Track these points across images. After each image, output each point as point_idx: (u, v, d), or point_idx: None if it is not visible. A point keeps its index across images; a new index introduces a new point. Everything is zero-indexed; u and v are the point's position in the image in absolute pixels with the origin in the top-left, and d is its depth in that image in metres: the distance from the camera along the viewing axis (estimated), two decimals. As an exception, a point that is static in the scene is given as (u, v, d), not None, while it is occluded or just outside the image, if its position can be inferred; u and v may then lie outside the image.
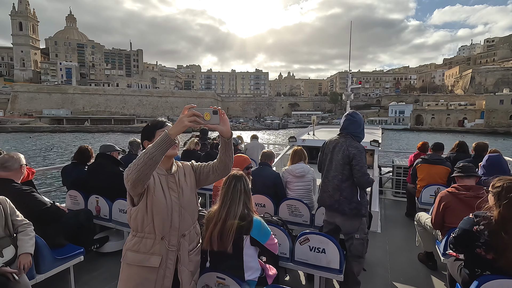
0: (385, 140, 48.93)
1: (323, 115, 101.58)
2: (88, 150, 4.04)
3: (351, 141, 2.71)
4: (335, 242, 2.47)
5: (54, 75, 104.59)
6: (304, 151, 3.97)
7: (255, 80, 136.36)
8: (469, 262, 2.06)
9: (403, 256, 3.77)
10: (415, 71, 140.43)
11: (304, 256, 2.58)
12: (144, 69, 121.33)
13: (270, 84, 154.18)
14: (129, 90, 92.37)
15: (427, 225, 3.30)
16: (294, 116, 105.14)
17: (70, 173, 3.95)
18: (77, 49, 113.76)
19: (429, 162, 4.66)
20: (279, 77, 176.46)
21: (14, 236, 2.22)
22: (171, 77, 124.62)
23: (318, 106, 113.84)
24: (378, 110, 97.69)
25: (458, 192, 2.88)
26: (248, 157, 3.49)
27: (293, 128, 76.73)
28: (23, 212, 2.34)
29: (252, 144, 7.49)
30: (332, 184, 2.76)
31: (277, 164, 5.74)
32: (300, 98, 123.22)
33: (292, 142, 6.34)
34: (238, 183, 2.01)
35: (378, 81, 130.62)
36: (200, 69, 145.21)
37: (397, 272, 3.35)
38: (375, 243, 3.96)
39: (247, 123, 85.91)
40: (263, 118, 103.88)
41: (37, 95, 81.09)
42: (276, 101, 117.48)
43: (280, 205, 3.58)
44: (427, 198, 4.39)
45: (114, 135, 52.48)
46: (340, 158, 2.69)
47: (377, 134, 6.84)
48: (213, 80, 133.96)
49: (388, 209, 5.89)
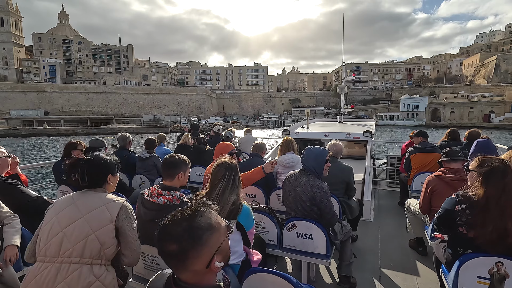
0: (396, 138, 40.94)
1: (326, 111, 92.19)
2: (76, 144, 3.88)
3: (313, 180, 2.61)
4: (321, 227, 2.50)
5: (37, 73, 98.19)
6: (293, 141, 3.94)
7: (254, 75, 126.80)
8: (452, 241, 2.11)
9: (394, 243, 3.81)
10: (428, 61, 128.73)
11: (291, 243, 2.62)
12: (134, 65, 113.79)
13: (271, 80, 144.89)
14: (112, 88, 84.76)
15: (416, 211, 3.31)
16: (295, 113, 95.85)
17: (60, 169, 3.89)
18: (63, 46, 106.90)
19: (422, 151, 4.61)
20: (283, 72, 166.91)
21: (0, 228, 2.19)
22: (163, 73, 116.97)
23: (322, 101, 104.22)
24: (388, 104, 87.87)
25: (444, 176, 2.95)
26: (233, 146, 3.59)
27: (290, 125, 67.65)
28: (8, 205, 2.33)
29: (246, 138, 7.42)
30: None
31: (271, 157, 5.69)
32: (302, 93, 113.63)
33: (286, 135, 6.00)
34: (233, 172, 2.04)
35: (388, 73, 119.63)
36: (199, 65, 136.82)
37: (387, 259, 3.40)
38: (367, 232, 4.10)
39: (240, 121, 77.19)
40: (261, 115, 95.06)
41: (10, 94, 74.42)
42: (276, 97, 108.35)
43: (271, 195, 3.60)
44: (418, 186, 4.32)
45: (78, 138, 44.60)
46: (306, 200, 2.62)
47: (370, 125, 6.91)
48: (208, 75, 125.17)
49: (382, 199, 5.89)
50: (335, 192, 3.16)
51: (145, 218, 2.09)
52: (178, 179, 2.21)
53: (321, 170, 2.66)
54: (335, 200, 3.05)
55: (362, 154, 6.16)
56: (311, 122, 7.86)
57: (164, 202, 2.05)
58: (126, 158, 4.68)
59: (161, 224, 0.98)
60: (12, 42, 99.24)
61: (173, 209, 1.77)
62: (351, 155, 6.32)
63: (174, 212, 1.01)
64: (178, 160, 2.23)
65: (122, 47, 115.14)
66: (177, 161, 2.22)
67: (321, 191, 2.54)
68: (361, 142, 6.20)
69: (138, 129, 55.48)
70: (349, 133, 5.99)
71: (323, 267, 3.07)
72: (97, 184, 1.79)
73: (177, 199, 2.07)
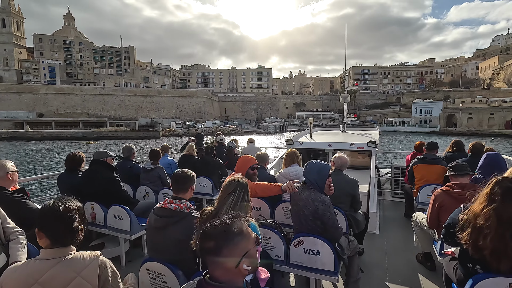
0: (402, 147, 36.42)
1: (332, 116, 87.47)
2: (76, 155, 3.88)
3: (315, 194, 2.59)
4: (329, 243, 2.46)
5: (36, 74, 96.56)
6: (297, 153, 3.97)
7: (257, 78, 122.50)
8: (461, 256, 2.05)
9: (401, 257, 3.72)
10: (441, 64, 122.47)
11: (298, 259, 2.58)
12: (136, 67, 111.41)
13: (276, 83, 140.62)
14: (109, 90, 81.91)
15: (424, 225, 3.26)
16: (299, 117, 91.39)
17: (65, 181, 3.86)
18: (64, 47, 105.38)
19: (425, 162, 4.57)
20: (289, 76, 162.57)
21: (6, 244, 2.17)
22: (165, 75, 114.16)
23: (328, 105, 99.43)
24: (398, 109, 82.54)
25: (452, 191, 2.90)
26: (255, 160, 3.38)
27: (293, 131, 63.15)
28: (14, 220, 2.30)
29: (249, 148, 7.31)
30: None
31: (275, 167, 5.66)
32: (307, 97, 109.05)
33: (289, 145, 6.18)
34: (243, 190, 2.08)
35: (398, 76, 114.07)
36: (202, 67, 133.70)
37: (394, 273, 3.32)
38: (373, 245, 4.00)
39: (240, 126, 73.11)
40: (263, 119, 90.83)
41: (5, 95, 72.20)
42: (280, 100, 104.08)
43: (276, 208, 3.54)
44: (424, 198, 4.30)
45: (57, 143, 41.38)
46: (309, 214, 2.59)
47: (374, 135, 6.90)
48: (211, 78, 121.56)
49: (387, 210, 5.76)
50: (340, 206, 3.13)
51: (155, 225, 2.14)
52: (189, 192, 2.33)
53: (323, 184, 2.62)
54: (341, 214, 3.03)
55: (366, 164, 6.08)
56: (314, 131, 7.73)
57: (175, 208, 2.12)
58: (130, 169, 4.74)
59: (203, 227, 1.19)
60: (13, 43, 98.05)
61: (183, 215, 2.09)
62: (355, 165, 5.85)
63: (214, 219, 1.21)
64: (190, 176, 2.31)
65: (124, 49, 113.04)
66: (189, 176, 2.31)
67: (323, 204, 2.51)
68: (365, 152, 6.08)
69: (127, 133, 52.02)
70: (353, 143, 5.84)
71: (329, 283, 2.95)
72: (65, 242, 1.47)
73: (187, 208, 2.15)
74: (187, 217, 2.11)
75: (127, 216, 3.44)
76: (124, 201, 3.68)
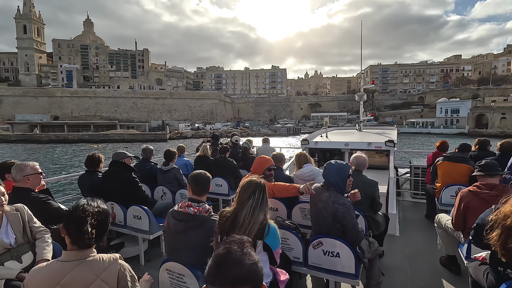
0: (419, 147, 34.44)
1: (349, 117, 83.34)
2: (95, 156, 3.96)
3: (335, 196, 2.52)
4: (349, 246, 2.40)
5: (54, 78, 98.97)
6: (307, 154, 3.98)
7: (271, 78, 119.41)
8: (492, 260, 1.96)
9: (424, 260, 3.61)
10: (467, 61, 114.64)
11: (318, 261, 2.55)
12: (150, 70, 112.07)
13: (291, 83, 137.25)
14: (122, 92, 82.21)
15: (448, 227, 3.16)
16: (314, 118, 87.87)
17: (85, 181, 3.94)
18: (81, 51, 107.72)
19: (451, 160, 4.34)
20: (305, 76, 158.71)
21: (32, 242, 2.25)
22: (178, 77, 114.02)
23: (345, 106, 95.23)
24: (421, 109, 77.23)
25: (480, 191, 2.78)
26: (272, 161, 3.36)
27: (307, 133, 59.99)
28: (40, 219, 2.38)
29: (263, 148, 7.26)
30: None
31: (290, 168, 5.57)
32: (323, 97, 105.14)
33: (305, 145, 6.13)
34: (262, 191, 2.05)
35: (421, 74, 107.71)
36: (216, 69, 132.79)
37: (417, 277, 3.22)
38: (393, 247, 3.91)
39: (251, 127, 70.76)
40: (277, 121, 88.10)
41: (22, 99, 73.99)
42: (294, 101, 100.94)
43: (293, 209, 3.47)
44: (447, 199, 4.15)
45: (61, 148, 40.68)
46: (328, 216, 2.52)
47: (391, 134, 6.68)
48: (224, 79, 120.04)
49: (407, 211, 5.58)
50: (359, 207, 3.06)
51: (174, 229, 2.13)
52: (207, 193, 2.33)
53: (344, 185, 2.54)
54: (360, 215, 2.97)
55: (383, 163, 5.97)
56: (329, 131, 7.54)
57: (194, 212, 2.11)
58: (148, 170, 4.78)
59: (221, 272, 1.02)
60: (33, 48, 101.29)
61: (203, 219, 2.11)
62: (372, 165, 5.26)
63: (224, 256, 1.06)
64: (208, 177, 2.31)
65: (138, 52, 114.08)
66: (207, 177, 2.30)
67: (343, 207, 2.44)
68: (382, 151, 5.94)
69: (134, 136, 50.93)
70: (371, 142, 5.71)
71: (348, 286, 2.83)
72: (84, 244, 1.49)
73: (206, 211, 2.15)
74: (206, 221, 2.10)
75: (146, 216, 3.49)
76: (142, 201, 3.74)
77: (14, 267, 2.07)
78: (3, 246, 2.09)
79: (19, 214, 2.23)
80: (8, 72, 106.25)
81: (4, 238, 2.12)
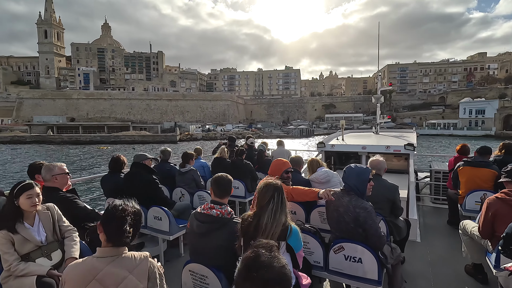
0: (439, 151, 32.56)
1: (365, 118, 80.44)
2: (120, 159, 4.08)
3: (356, 200, 2.47)
4: (371, 251, 2.37)
5: (72, 81, 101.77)
6: (319, 160, 4.03)
7: (284, 79, 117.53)
8: None
9: (448, 267, 3.54)
10: (493, 59, 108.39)
11: (339, 266, 2.51)
12: (164, 72, 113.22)
13: (305, 84, 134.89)
14: (136, 94, 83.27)
15: (475, 234, 3.06)
16: (328, 120, 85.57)
17: (108, 182, 4.04)
18: (98, 54, 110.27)
19: (472, 165, 4.22)
20: (320, 77, 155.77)
21: (61, 241, 2.37)
22: (192, 79, 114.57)
23: (360, 107, 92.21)
24: (442, 110, 73.36)
25: (509, 198, 2.70)
26: (289, 164, 3.39)
27: (321, 135, 58.04)
28: (68, 218, 2.49)
29: (278, 150, 7.09)
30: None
31: (305, 173, 5.42)
32: (338, 98, 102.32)
33: (321, 148, 6.11)
34: (280, 193, 2.05)
35: (442, 74, 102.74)
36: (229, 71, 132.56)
37: (440, 285, 3.17)
38: (415, 253, 3.84)
39: (263, 129, 69.47)
40: (290, 122, 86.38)
41: (41, 101, 76.28)
42: (308, 102, 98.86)
43: (311, 213, 3.46)
44: (472, 205, 4.06)
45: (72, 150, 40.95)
46: (350, 221, 2.46)
47: (410, 138, 6.50)
48: (237, 80, 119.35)
49: (427, 216, 5.45)
50: (380, 211, 3.03)
51: (198, 231, 2.17)
52: (228, 196, 2.35)
53: (364, 189, 2.51)
54: (382, 220, 2.95)
55: (401, 167, 5.92)
56: (345, 133, 7.40)
57: (217, 214, 2.14)
58: (168, 171, 4.86)
59: (253, 274, 1.05)
60: (53, 52, 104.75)
61: (225, 221, 2.14)
62: (389, 169, 5.34)
63: (254, 259, 1.09)
64: (230, 180, 2.33)
65: (153, 54, 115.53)
66: (230, 180, 2.32)
67: (364, 211, 2.40)
68: (401, 155, 5.85)
69: (144, 137, 50.85)
70: (389, 145, 5.53)
71: None
72: (119, 241, 1.57)
73: (228, 213, 2.18)
74: (229, 223, 2.13)
75: (166, 217, 3.54)
76: (162, 202, 3.82)
77: (44, 264, 2.20)
78: (34, 243, 2.22)
79: (49, 213, 2.35)
80: (30, 75, 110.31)
81: (36, 236, 2.24)
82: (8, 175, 22.19)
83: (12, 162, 28.10)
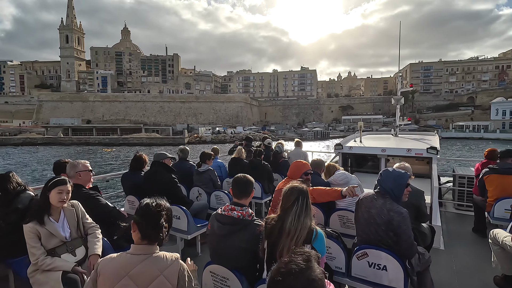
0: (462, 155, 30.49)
1: (385, 120, 76.14)
2: (142, 157, 4.12)
3: (391, 204, 2.39)
4: (397, 258, 2.29)
5: (91, 84, 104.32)
6: (335, 164, 4.04)
7: (300, 80, 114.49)
8: None
9: (475, 278, 3.43)
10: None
11: (362, 272, 2.45)
12: (179, 74, 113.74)
13: (322, 85, 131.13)
14: (149, 96, 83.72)
15: (507, 244, 2.94)
16: (345, 122, 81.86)
17: (128, 180, 4.10)
18: (115, 57, 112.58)
19: (499, 172, 4.09)
20: (338, 78, 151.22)
21: (85, 237, 2.42)
22: (207, 81, 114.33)
23: (380, 108, 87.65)
24: (471, 111, 67.85)
25: None
26: (309, 166, 3.37)
27: (336, 137, 54.89)
28: (90, 215, 2.53)
29: (295, 151, 7.01)
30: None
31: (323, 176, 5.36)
32: (356, 99, 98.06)
33: (338, 149, 5.98)
34: (305, 197, 2.03)
35: (470, 72, 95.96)
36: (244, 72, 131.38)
37: None
38: (439, 261, 3.74)
39: (276, 131, 67.13)
40: (305, 125, 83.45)
41: (60, 104, 78.26)
42: (324, 103, 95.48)
43: (331, 216, 3.43)
44: (501, 213, 3.92)
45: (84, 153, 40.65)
46: (381, 223, 2.38)
47: (432, 141, 6.24)
48: (251, 82, 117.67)
49: (451, 223, 5.28)
50: None
51: (219, 233, 2.16)
52: (250, 197, 2.33)
53: (401, 193, 2.45)
54: None
55: (422, 171, 5.81)
56: (363, 135, 7.11)
57: (238, 216, 2.14)
58: (188, 169, 4.96)
59: (279, 278, 1.07)
60: (74, 56, 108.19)
61: (246, 223, 2.14)
62: None
63: (286, 264, 1.11)
64: (251, 181, 2.32)
65: (169, 57, 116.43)
66: (251, 181, 2.31)
67: (399, 215, 2.32)
68: (423, 159, 5.62)
69: (152, 139, 50.10)
70: (410, 149, 5.31)
71: None
72: (152, 239, 1.59)
73: (249, 215, 2.16)
74: (250, 225, 2.13)
75: (184, 216, 3.58)
76: (180, 201, 3.83)
77: (69, 260, 2.25)
78: (59, 239, 2.27)
79: (74, 210, 2.41)
80: (52, 79, 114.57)
81: (61, 231, 2.30)
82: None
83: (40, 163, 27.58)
